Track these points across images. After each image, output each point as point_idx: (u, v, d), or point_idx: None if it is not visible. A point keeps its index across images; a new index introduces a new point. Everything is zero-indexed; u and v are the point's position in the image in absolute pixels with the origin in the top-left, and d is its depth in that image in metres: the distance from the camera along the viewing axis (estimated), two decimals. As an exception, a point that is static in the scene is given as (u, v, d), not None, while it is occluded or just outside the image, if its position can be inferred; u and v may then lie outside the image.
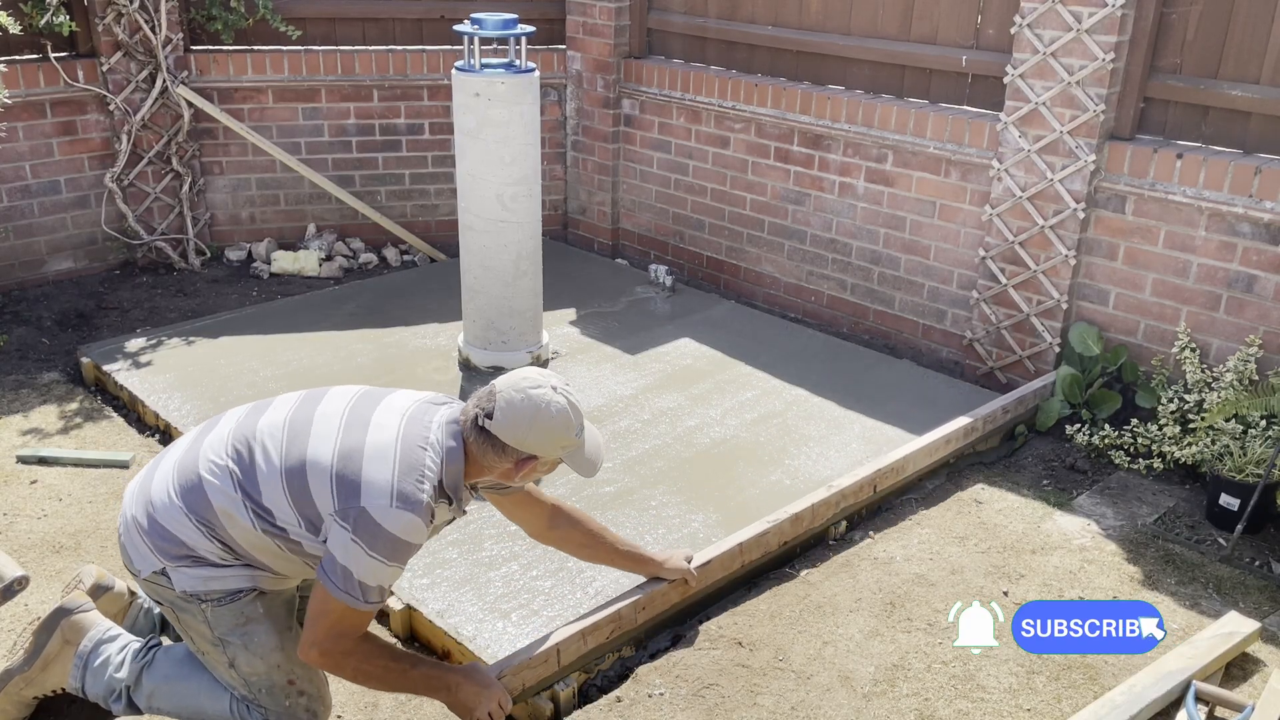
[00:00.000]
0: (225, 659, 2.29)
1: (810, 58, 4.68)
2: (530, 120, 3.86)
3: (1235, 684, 2.69)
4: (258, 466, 2.20)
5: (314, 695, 2.35)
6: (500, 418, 2.18)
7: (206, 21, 5.03)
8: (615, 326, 4.60)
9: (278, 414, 2.27)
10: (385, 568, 2.13)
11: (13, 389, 4.05)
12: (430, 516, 2.17)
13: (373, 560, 2.11)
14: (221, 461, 2.24)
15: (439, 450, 2.21)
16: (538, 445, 2.21)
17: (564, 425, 2.22)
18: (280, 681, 2.31)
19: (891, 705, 2.58)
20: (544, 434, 2.20)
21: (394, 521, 2.11)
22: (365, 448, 2.16)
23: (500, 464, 2.23)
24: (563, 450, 2.25)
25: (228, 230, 5.40)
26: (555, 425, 2.21)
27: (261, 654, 2.29)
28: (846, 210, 4.61)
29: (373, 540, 2.11)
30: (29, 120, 4.77)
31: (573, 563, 2.98)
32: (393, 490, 2.12)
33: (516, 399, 2.19)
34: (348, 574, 2.10)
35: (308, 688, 2.34)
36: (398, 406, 2.28)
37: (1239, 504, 3.28)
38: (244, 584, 2.28)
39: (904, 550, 3.19)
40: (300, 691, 2.33)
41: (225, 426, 2.31)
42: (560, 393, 2.23)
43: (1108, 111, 3.72)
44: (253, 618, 2.29)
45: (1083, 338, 3.92)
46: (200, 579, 2.24)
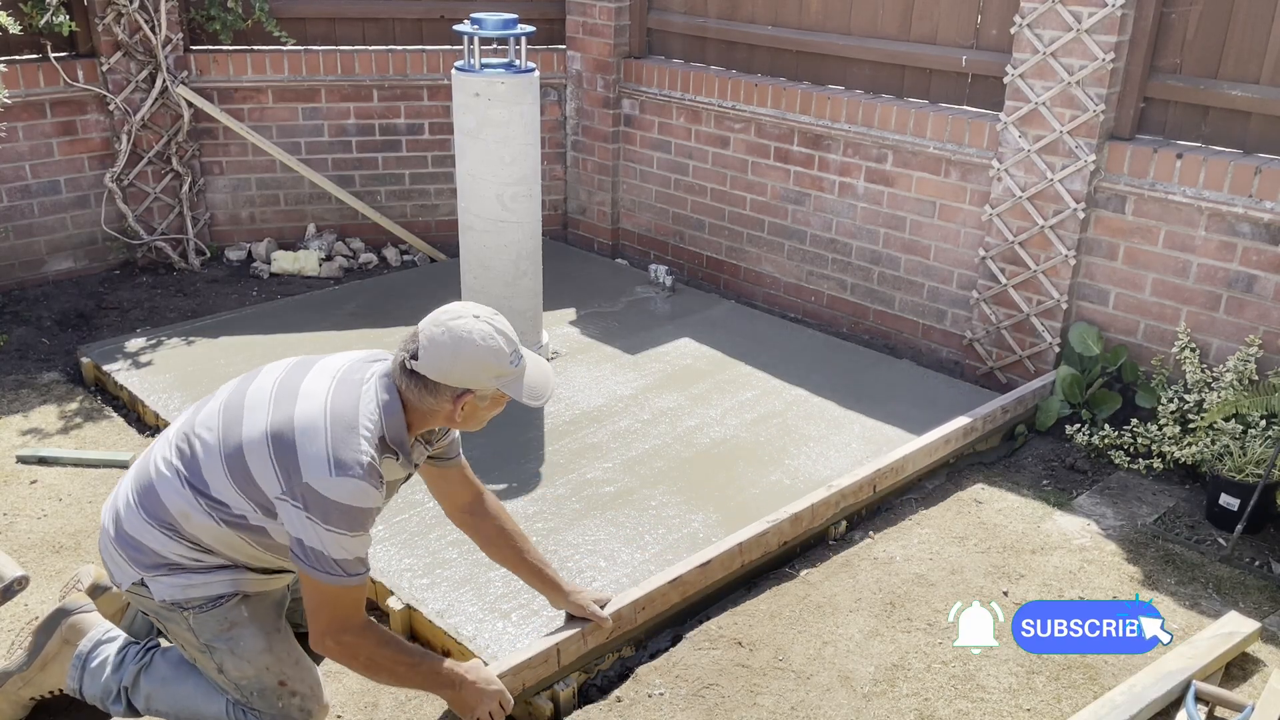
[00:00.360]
0: (213, 665, 2.28)
1: (810, 58, 4.68)
2: (530, 120, 3.86)
3: (1235, 684, 2.69)
4: (200, 459, 2.18)
5: (307, 695, 2.33)
6: (424, 356, 2.12)
7: (206, 22, 5.04)
8: (615, 326, 4.60)
9: (215, 402, 2.25)
10: (350, 538, 2.09)
11: (13, 389, 4.05)
12: (377, 477, 2.11)
13: (333, 534, 2.07)
14: (169, 459, 2.22)
15: (374, 406, 2.14)
16: (468, 377, 2.14)
17: (492, 353, 2.14)
18: (271, 684, 2.29)
19: (891, 705, 2.58)
20: (471, 364, 2.13)
21: (339, 490, 2.06)
22: (295, 419, 2.11)
23: (438, 405, 2.17)
24: (497, 380, 2.18)
25: (228, 230, 5.40)
26: (482, 354, 2.13)
27: (249, 658, 2.26)
28: (846, 210, 4.61)
29: (326, 514, 2.06)
30: (29, 120, 4.77)
31: (572, 564, 2.99)
32: (329, 459, 2.06)
33: (438, 333, 2.13)
34: (319, 554, 2.07)
35: (300, 688, 2.32)
36: (329, 369, 2.22)
37: (1239, 504, 3.28)
38: (225, 589, 2.26)
39: (904, 550, 3.19)
40: (293, 692, 2.31)
41: (173, 425, 2.31)
42: (484, 320, 2.16)
43: (1108, 111, 3.72)
44: (237, 622, 2.26)
45: (1083, 338, 3.92)
46: (179, 587, 2.23)
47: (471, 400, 2.19)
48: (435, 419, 2.21)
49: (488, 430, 3.66)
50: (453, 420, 2.21)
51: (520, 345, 2.24)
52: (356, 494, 2.07)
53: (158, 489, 2.21)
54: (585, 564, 2.99)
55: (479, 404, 2.22)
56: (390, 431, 2.15)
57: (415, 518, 3.17)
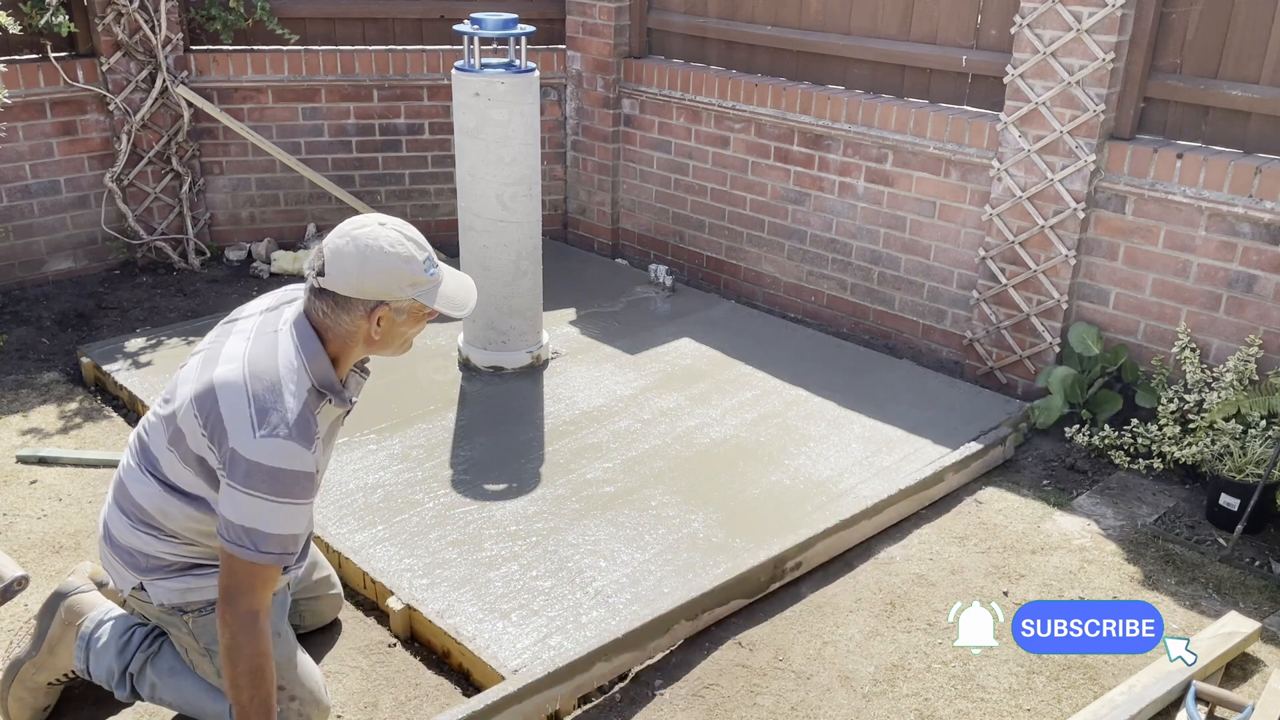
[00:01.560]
0: (213, 668, 2.27)
1: (810, 57, 4.68)
2: (530, 120, 3.86)
3: (1235, 684, 2.69)
4: (149, 441, 2.15)
5: (306, 700, 2.32)
6: (331, 269, 2.03)
7: (206, 22, 5.04)
8: (615, 326, 4.60)
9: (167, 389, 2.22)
10: (277, 506, 1.98)
11: (13, 389, 4.05)
12: (308, 436, 2.01)
13: (255, 500, 1.96)
14: (134, 451, 2.21)
15: (293, 353, 2.05)
16: (379, 287, 2.04)
17: (401, 259, 2.04)
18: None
19: (891, 705, 2.58)
20: (381, 272, 2.03)
21: (264, 451, 1.96)
22: (216, 385, 2.03)
23: (353, 324, 2.07)
24: (412, 288, 2.07)
25: (228, 230, 5.40)
26: (391, 260, 2.03)
27: None
28: (846, 210, 4.61)
29: (249, 478, 1.96)
30: (29, 120, 4.77)
31: (573, 563, 2.99)
32: (252, 420, 1.97)
33: (343, 244, 2.03)
34: (229, 524, 1.99)
35: (299, 691, 2.31)
36: (246, 327, 2.14)
37: (1239, 504, 3.28)
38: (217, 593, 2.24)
39: (904, 550, 3.19)
40: (292, 696, 2.29)
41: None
42: (392, 227, 2.07)
43: (1108, 111, 3.72)
44: None
45: (1082, 338, 3.92)
46: (177, 591, 2.22)
47: (387, 314, 2.08)
48: (355, 342, 2.11)
49: (488, 430, 3.69)
50: (371, 340, 2.11)
51: (435, 254, 2.15)
52: (284, 454, 1.97)
53: (128, 486, 2.20)
54: (585, 564, 2.99)
55: (396, 318, 2.10)
56: (317, 376, 2.07)
57: (415, 518, 3.17)
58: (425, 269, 2.09)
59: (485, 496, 3.30)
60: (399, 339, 2.17)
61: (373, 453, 3.52)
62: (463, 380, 4.08)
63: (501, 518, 3.19)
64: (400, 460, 3.48)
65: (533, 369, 4.15)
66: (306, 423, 2.02)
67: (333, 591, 2.77)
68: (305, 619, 2.73)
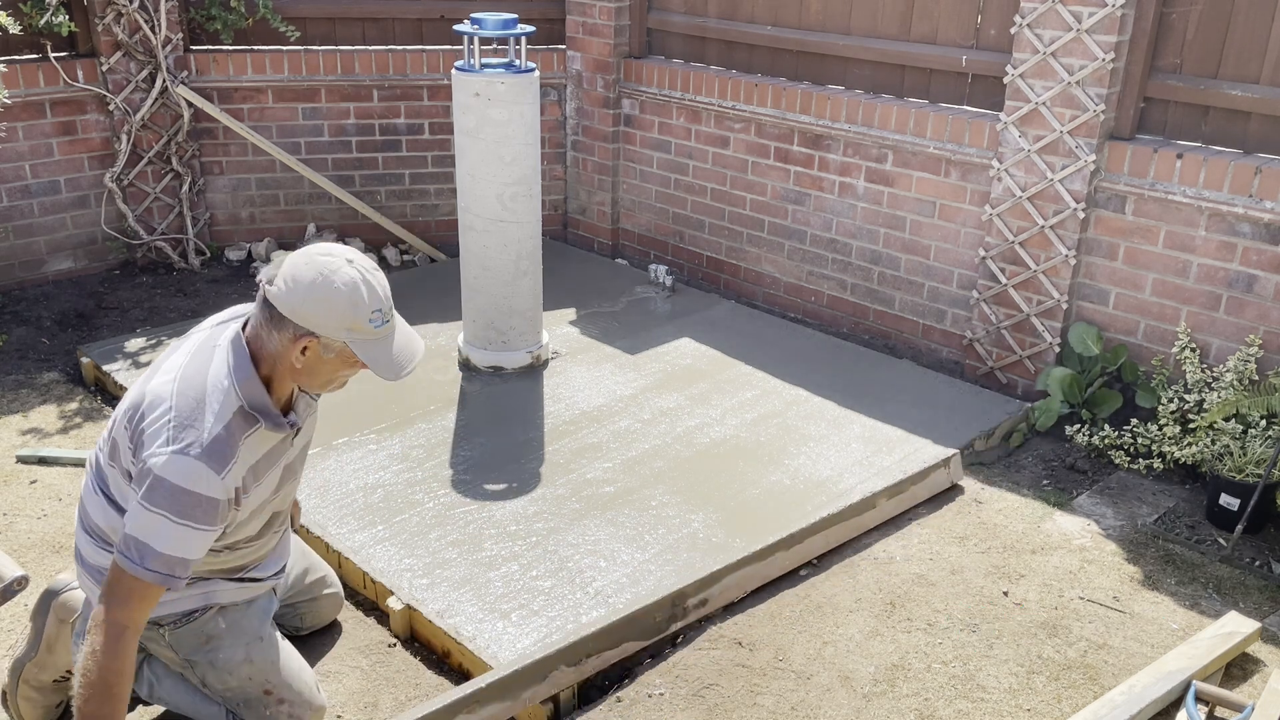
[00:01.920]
0: (197, 678, 2.26)
1: (810, 57, 4.68)
2: (530, 120, 3.87)
3: (1235, 684, 2.69)
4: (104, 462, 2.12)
5: (296, 701, 2.30)
6: (280, 282, 1.96)
7: (206, 21, 5.04)
8: (615, 326, 4.60)
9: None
10: (171, 525, 1.89)
11: (13, 389, 4.05)
12: (222, 459, 1.94)
13: (153, 515, 1.89)
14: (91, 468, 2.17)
15: (224, 373, 1.98)
16: (316, 318, 1.95)
17: (350, 301, 1.95)
18: (256, 694, 2.26)
19: (891, 705, 2.58)
20: (324, 305, 1.94)
21: (170, 467, 1.89)
22: (146, 397, 1.98)
23: (282, 345, 1.98)
24: (349, 334, 1.98)
25: (227, 230, 5.40)
26: (339, 298, 1.94)
27: (230, 670, 2.24)
28: (846, 210, 4.61)
29: (152, 493, 1.89)
30: (29, 120, 4.77)
31: (573, 563, 2.99)
32: (169, 434, 1.91)
33: (301, 262, 1.96)
34: (124, 534, 1.93)
35: (288, 694, 2.28)
36: (191, 343, 2.07)
37: (1239, 504, 3.28)
38: (196, 604, 2.23)
39: (904, 550, 3.19)
40: (280, 699, 2.28)
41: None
42: (356, 267, 1.98)
43: (1108, 111, 3.72)
44: (215, 635, 2.23)
45: (1082, 338, 3.92)
46: None
47: (315, 347, 1.99)
48: (283, 366, 2.03)
49: (488, 430, 3.69)
50: (294, 369, 2.01)
51: (395, 314, 2.08)
52: (190, 474, 1.90)
53: (86, 505, 2.18)
54: (585, 564, 2.99)
55: (324, 354, 2.01)
56: (248, 397, 2.00)
57: (415, 518, 3.17)
58: (370, 319, 2.00)
59: (485, 496, 3.30)
60: (324, 376, 2.07)
61: (373, 453, 3.52)
62: (463, 380, 4.08)
63: (501, 518, 3.19)
64: (400, 460, 3.48)
65: (533, 369, 4.15)
66: (222, 445, 1.95)
67: (330, 591, 2.76)
68: (305, 620, 2.73)
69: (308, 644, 2.75)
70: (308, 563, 2.71)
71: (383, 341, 2.04)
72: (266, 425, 2.04)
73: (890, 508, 3.32)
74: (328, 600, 2.76)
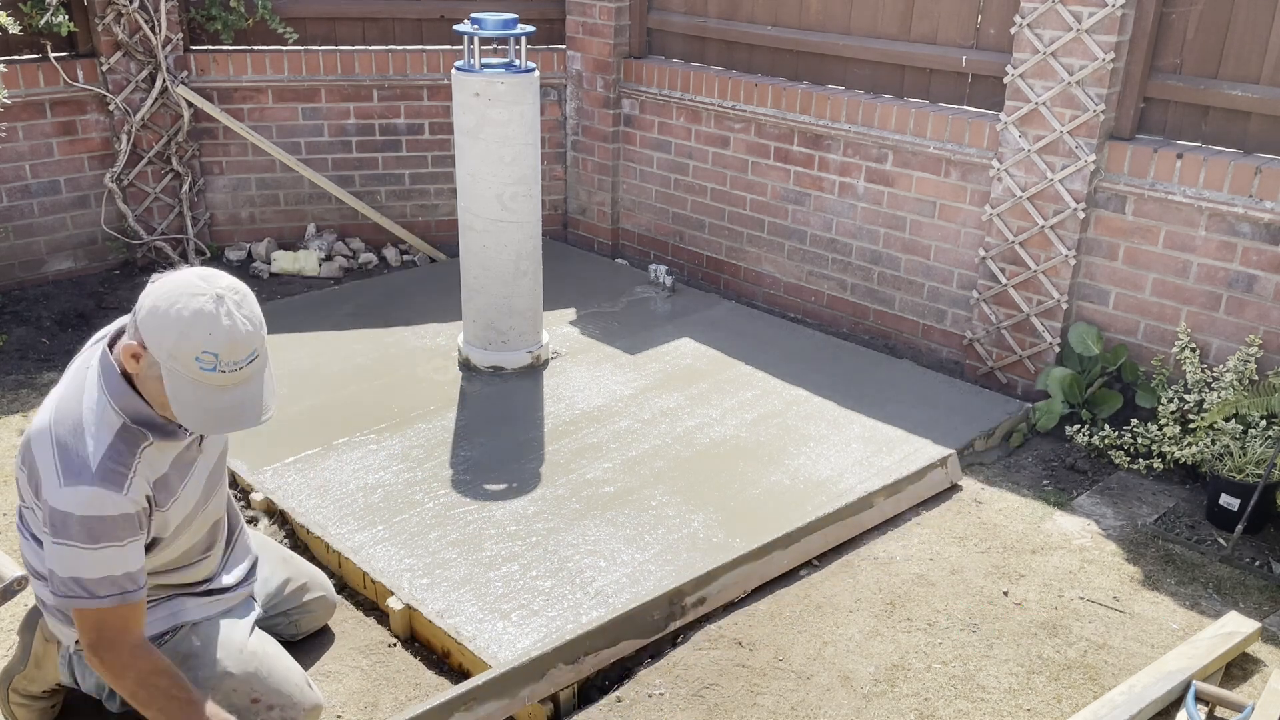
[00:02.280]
0: None
1: (810, 57, 4.68)
2: (530, 120, 3.87)
3: (1235, 684, 2.69)
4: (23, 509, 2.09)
5: (286, 705, 2.28)
6: (150, 284, 1.91)
7: (206, 22, 5.04)
8: (615, 326, 4.60)
9: None
10: (94, 553, 1.87)
11: (13, 389, 4.05)
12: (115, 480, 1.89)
13: (73, 550, 1.87)
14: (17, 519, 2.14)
15: (96, 391, 1.92)
16: (150, 330, 1.86)
17: (183, 330, 1.84)
18: (243, 704, 2.23)
19: (891, 705, 2.58)
20: (161, 322, 1.84)
21: (71, 501, 1.86)
22: (31, 435, 1.94)
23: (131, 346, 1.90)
24: (169, 360, 1.85)
25: (227, 230, 5.40)
26: (175, 321, 1.84)
27: (212, 684, 2.21)
28: (846, 210, 4.61)
29: (61, 530, 1.87)
30: (29, 120, 4.77)
31: (573, 563, 2.99)
32: (57, 469, 1.87)
33: (179, 275, 1.89)
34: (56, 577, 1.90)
35: (276, 700, 2.26)
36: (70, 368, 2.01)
37: (1239, 504, 3.28)
38: (165, 625, 2.22)
39: (904, 550, 3.19)
40: (269, 706, 2.26)
41: None
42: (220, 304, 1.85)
43: (1108, 111, 3.72)
44: (190, 653, 2.22)
45: (1082, 338, 3.92)
46: None
47: (145, 359, 1.90)
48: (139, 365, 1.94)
49: (488, 430, 3.70)
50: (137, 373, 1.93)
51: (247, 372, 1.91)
52: (91, 502, 1.87)
53: (24, 550, 2.15)
54: (585, 564, 2.99)
55: (148, 369, 1.91)
56: (128, 412, 1.94)
57: (415, 518, 3.17)
58: (199, 359, 1.86)
59: (485, 496, 3.30)
60: (152, 393, 1.95)
61: (373, 453, 3.52)
62: (463, 380, 4.08)
63: (501, 518, 3.19)
64: (400, 460, 3.48)
65: (533, 369, 4.15)
66: (113, 466, 1.90)
67: (317, 595, 2.73)
68: (300, 626, 2.72)
69: (306, 645, 2.75)
70: (289, 571, 2.68)
71: (201, 387, 1.89)
72: (156, 437, 1.98)
73: (888, 507, 3.32)
74: (318, 604, 2.73)
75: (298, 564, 2.74)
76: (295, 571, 2.70)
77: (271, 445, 3.54)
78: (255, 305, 1.96)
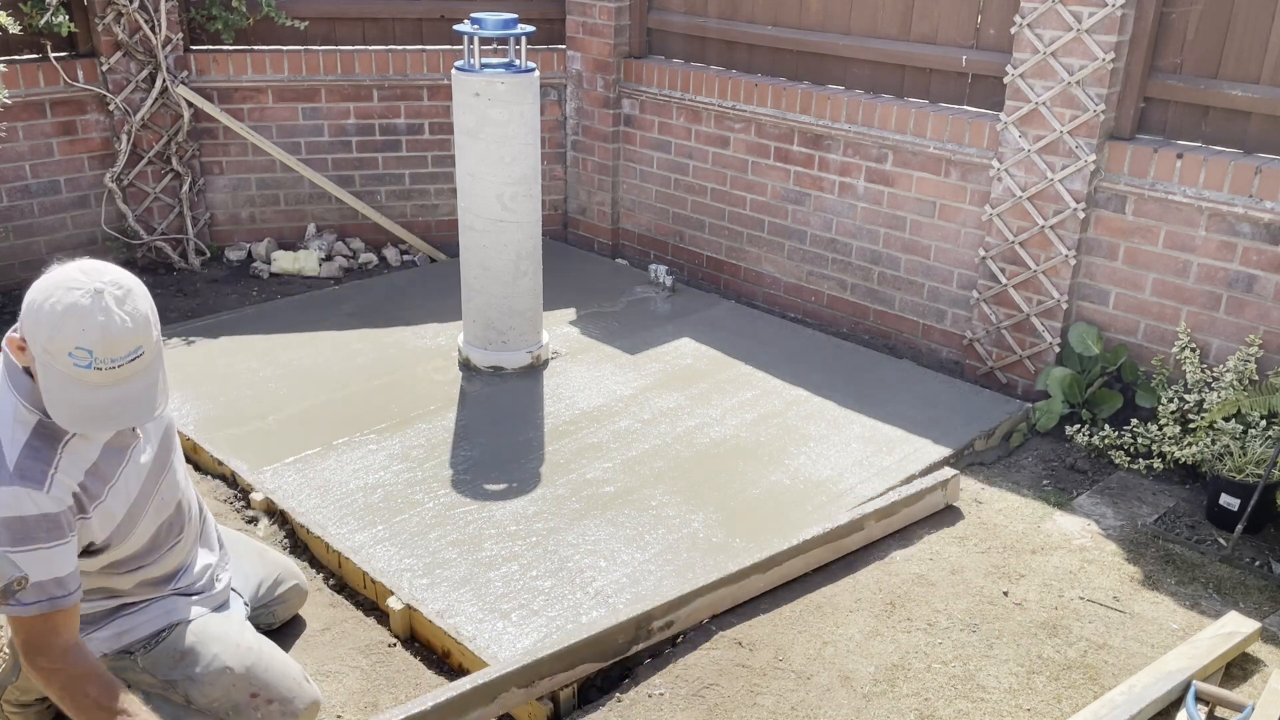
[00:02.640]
0: (180, 697, 2.22)
1: (810, 57, 4.68)
2: (530, 120, 3.86)
3: (1235, 684, 2.69)
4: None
5: (285, 699, 2.27)
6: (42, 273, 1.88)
7: (207, 21, 5.04)
8: (615, 326, 4.60)
9: None
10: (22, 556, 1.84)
11: (13, 389, 4.05)
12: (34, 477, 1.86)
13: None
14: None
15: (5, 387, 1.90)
16: (28, 324, 1.83)
17: (61, 323, 1.79)
18: (242, 699, 2.23)
19: (891, 705, 2.58)
20: (36, 316, 1.81)
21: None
22: None
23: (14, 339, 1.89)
24: (43, 353, 1.82)
25: (227, 230, 5.40)
26: (51, 316, 1.80)
27: (211, 680, 2.21)
28: (846, 210, 4.61)
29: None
30: (29, 120, 4.77)
31: (573, 563, 2.99)
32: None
33: (67, 266, 1.86)
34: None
35: (274, 694, 2.26)
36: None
37: (1239, 504, 3.28)
38: (160, 624, 2.21)
39: (904, 550, 3.19)
40: (268, 700, 2.25)
41: None
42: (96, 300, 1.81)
43: (1108, 111, 3.72)
44: (186, 650, 2.21)
45: (1082, 338, 3.92)
46: (113, 637, 2.19)
47: (28, 352, 1.87)
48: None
49: (488, 430, 3.70)
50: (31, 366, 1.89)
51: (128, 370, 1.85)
52: (10, 503, 1.84)
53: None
54: (585, 564, 2.99)
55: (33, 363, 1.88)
56: (40, 406, 1.91)
57: (415, 518, 3.17)
58: (72, 354, 1.80)
59: (485, 496, 3.30)
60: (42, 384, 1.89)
61: (373, 453, 3.52)
62: (463, 380, 4.08)
63: (501, 518, 3.19)
64: (400, 460, 3.48)
65: (533, 369, 4.15)
66: (32, 462, 1.87)
67: (292, 584, 2.74)
68: (278, 615, 2.74)
69: (307, 644, 2.76)
70: (265, 566, 2.68)
71: (75, 384, 1.84)
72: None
73: (877, 530, 3.18)
74: (293, 593, 2.75)
75: (272, 556, 2.75)
76: (271, 565, 2.71)
77: (271, 445, 3.54)
78: (142, 300, 1.89)
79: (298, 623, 2.82)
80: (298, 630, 2.81)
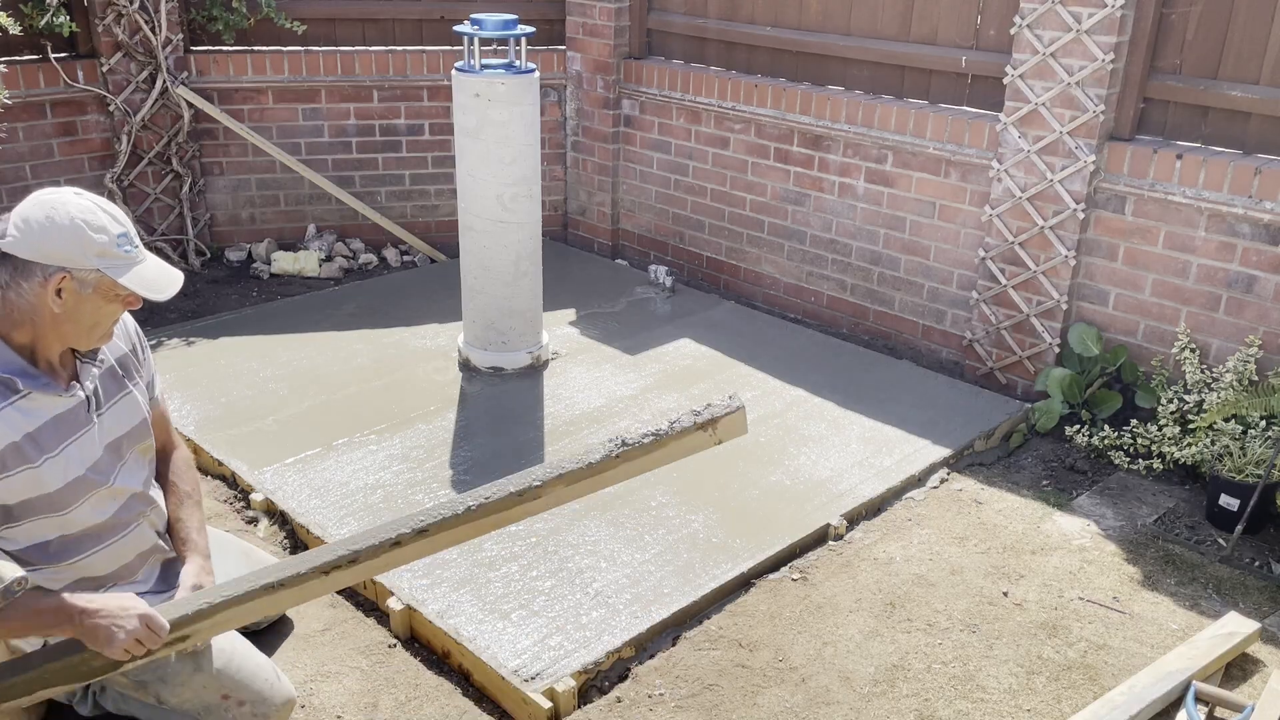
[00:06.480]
0: (151, 697, 2.21)
1: (810, 58, 4.68)
2: (530, 120, 3.87)
3: (1235, 684, 2.69)
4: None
5: (256, 700, 2.26)
6: (14, 231, 1.92)
7: (207, 22, 5.04)
8: (615, 326, 4.61)
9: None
10: None
11: (13, 389, 4.05)
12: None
13: None
14: None
15: None
16: (63, 251, 1.92)
17: (90, 226, 1.93)
18: (213, 700, 2.22)
19: (891, 705, 2.58)
20: (68, 234, 1.91)
21: None
22: None
23: (34, 293, 1.94)
24: (99, 259, 1.94)
25: (228, 230, 5.40)
26: (77, 225, 1.92)
27: (181, 681, 2.19)
28: (846, 211, 4.61)
29: None
30: (29, 120, 4.77)
31: (572, 564, 2.99)
32: None
33: (29, 206, 1.93)
34: None
35: (246, 694, 2.25)
36: None
37: (1239, 504, 3.28)
38: None
39: (904, 550, 3.19)
40: (240, 701, 2.24)
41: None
42: (87, 198, 1.97)
43: (1107, 112, 3.72)
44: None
45: (1082, 338, 3.92)
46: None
47: (70, 285, 1.95)
48: (42, 320, 1.97)
49: (488, 430, 3.69)
50: (55, 316, 1.97)
51: (139, 242, 2.06)
52: None
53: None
54: (585, 564, 2.99)
55: (81, 291, 1.97)
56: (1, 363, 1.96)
57: (415, 518, 3.17)
58: (118, 244, 1.97)
59: (485, 497, 3.29)
60: (88, 318, 2.01)
61: (373, 453, 3.52)
62: (463, 380, 4.08)
63: (501, 518, 3.19)
64: (400, 460, 3.48)
65: (533, 369, 4.15)
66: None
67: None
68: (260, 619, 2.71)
69: (306, 645, 2.76)
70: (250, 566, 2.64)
71: (138, 265, 2.01)
72: (32, 387, 1.99)
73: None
74: None
75: (258, 556, 2.72)
76: (255, 565, 2.68)
77: (271, 445, 3.54)
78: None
79: (284, 623, 2.81)
80: (292, 630, 2.81)
